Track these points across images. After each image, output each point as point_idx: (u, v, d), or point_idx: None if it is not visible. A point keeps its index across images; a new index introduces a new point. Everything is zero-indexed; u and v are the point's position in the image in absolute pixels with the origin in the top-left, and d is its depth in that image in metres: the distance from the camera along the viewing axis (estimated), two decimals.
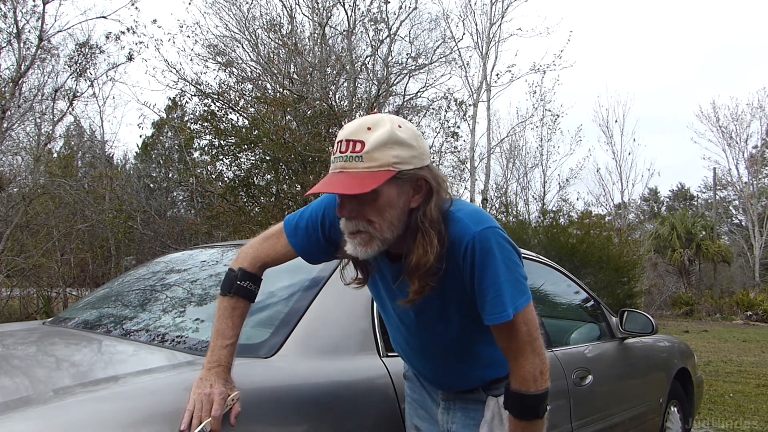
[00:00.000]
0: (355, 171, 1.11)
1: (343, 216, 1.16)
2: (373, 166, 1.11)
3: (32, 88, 8.76)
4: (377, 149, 1.11)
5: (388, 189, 1.13)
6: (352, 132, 1.13)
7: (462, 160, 14.18)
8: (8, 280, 7.91)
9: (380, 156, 1.11)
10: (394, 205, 1.14)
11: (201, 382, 1.18)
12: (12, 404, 1.09)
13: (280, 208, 8.67)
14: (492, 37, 15.31)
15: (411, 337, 1.39)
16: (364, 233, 1.15)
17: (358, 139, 1.12)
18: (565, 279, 2.83)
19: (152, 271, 2.43)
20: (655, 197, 34.69)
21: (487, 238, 1.17)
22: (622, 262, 11.25)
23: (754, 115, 23.98)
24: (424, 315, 1.31)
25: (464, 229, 1.17)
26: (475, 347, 1.37)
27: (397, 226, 1.16)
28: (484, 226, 1.18)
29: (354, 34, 11.74)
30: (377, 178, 1.10)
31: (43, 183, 7.92)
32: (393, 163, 1.12)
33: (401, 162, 1.13)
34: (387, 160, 1.11)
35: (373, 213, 1.14)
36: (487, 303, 1.18)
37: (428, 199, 1.16)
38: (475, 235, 1.16)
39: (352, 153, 1.11)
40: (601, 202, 21.09)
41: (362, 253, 1.17)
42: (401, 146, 1.13)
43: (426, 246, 1.14)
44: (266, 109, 9.04)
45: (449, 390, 1.45)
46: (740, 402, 5.31)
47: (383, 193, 1.13)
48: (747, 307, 17.41)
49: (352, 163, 1.11)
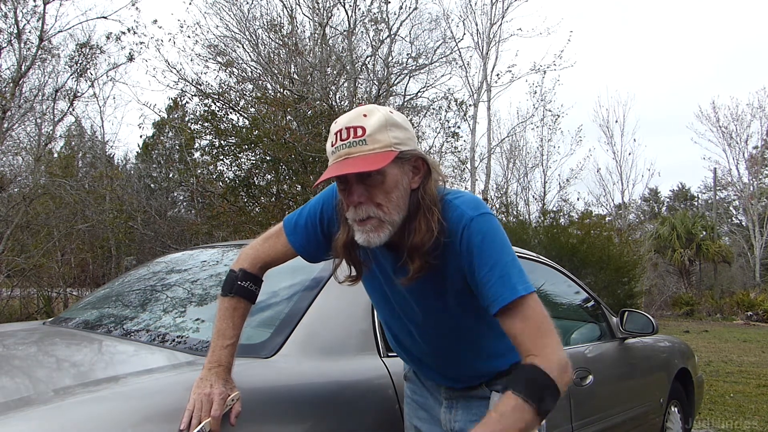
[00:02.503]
0: (361, 154, 1.13)
1: (352, 203, 1.17)
2: (377, 147, 1.13)
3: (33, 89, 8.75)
4: (378, 131, 1.13)
5: (392, 170, 1.15)
6: (350, 120, 1.15)
7: (462, 161, 14.17)
8: (9, 281, 7.91)
9: (382, 138, 1.14)
10: (399, 186, 1.16)
11: (201, 382, 1.19)
12: (13, 404, 1.09)
13: (280, 208, 8.67)
14: (492, 37, 15.33)
15: (413, 328, 1.38)
16: (374, 218, 1.16)
17: (358, 125, 1.14)
18: (565, 279, 2.83)
19: (153, 272, 2.43)
20: (655, 197, 34.70)
21: (486, 222, 1.18)
22: (623, 262, 11.25)
23: (754, 115, 24.04)
24: (425, 302, 1.30)
25: (462, 215, 1.19)
26: (476, 336, 1.36)
27: (402, 208, 1.18)
28: (482, 211, 1.20)
29: (354, 35, 11.73)
30: (385, 158, 1.12)
31: (44, 183, 7.92)
32: (394, 144, 1.15)
33: (400, 143, 1.16)
34: (388, 141, 1.14)
35: (380, 195, 1.15)
36: (493, 286, 1.14)
37: (427, 179, 1.20)
38: (474, 218, 1.18)
39: (354, 138, 1.13)
40: (601, 203, 21.14)
41: (374, 238, 1.16)
42: (398, 128, 1.16)
43: (429, 223, 1.16)
44: (267, 109, 9.05)
45: (451, 386, 1.45)
46: (741, 402, 5.31)
47: (389, 174, 1.15)
48: (747, 308, 17.41)
49: (356, 148, 1.13)
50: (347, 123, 1.15)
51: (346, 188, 1.18)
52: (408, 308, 1.34)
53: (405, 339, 1.44)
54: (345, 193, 1.19)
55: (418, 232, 1.16)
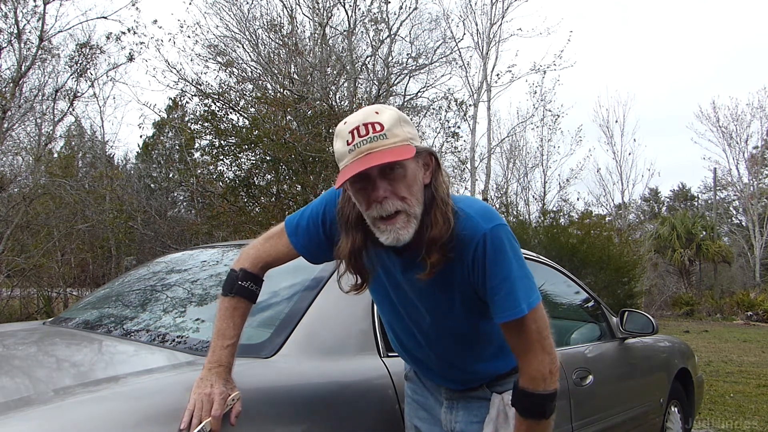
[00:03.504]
0: (384, 147, 1.12)
1: (377, 199, 1.13)
2: (397, 141, 1.13)
3: (33, 89, 8.75)
4: (395, 126, 1.14)
5: (411, 164, 1.16)
6: (365, 117, 1.14)
7: (462, 161, 14.17)
8: (9, 281, 7.90)
9: (399, 132, 1.14)
10: (418, 180, 1.18)
11: (201, 382, 1.19)
12: (13, 404, 1.09)
13: (280, 208, 8.67)
14: (492, 37, 15.34)
15: (416, 330, 1.38)
16: (402, 213, 1.14)
17: (375, 121, 1.13)
18: (565, 279, 2.83)
19: (153, 272, 2.43)
20: (655, 197, 34.69)
21: (499, 235, 1.19)
22: (623, 262, 11.25)
23: (754, 115, 24.05)
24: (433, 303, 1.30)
25: (475, 227, 1.19)
26: (479, 339, 1.36)
27: (421, 202, 1.18)
28: (495, 223, 1.20)
29: (354, 35, 11.74)
30: (408, 150, 1.13)
31: (44, 183, 7.91)
32: (409, 138, 1.16)
33: (413, 138, 1.17)
34: (405, 135, 1.15)
35: (404, 189, 1.15)
36: (500, 300, 1.19)
37: (437, 173, 1.21)
38: (487, 232, 1.18)
39: (375, 133, 1.12)
40: (601, 203, 21.14)
41: (404, 235, 1.15)
42: (408, 125, 1.18)
43: (445, 215, 1.17)
44: (267, 109, 9.04)
45: (453, 386, 1.44)
46: (741, 402, 5.31)
47: (409, 168, 1.16)
48: (747, 307, 17.40)
49: (378, 142, 1.12)
50: (363, 120, 1.14)
51: (365, 186, 1.15)
52: (413, 310, 1.34)
53: (408, 341, 1.44)
54: (364, 192, 1.15)
55: (435, 225, 1.17)
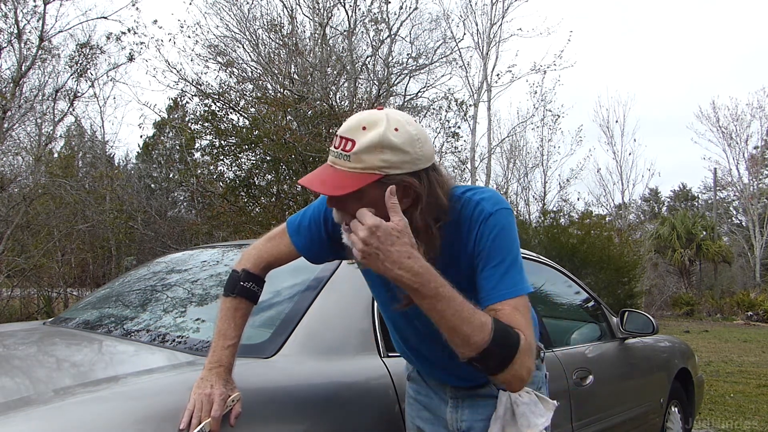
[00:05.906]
0: (340, 169, 1.11)
1: (330, 206, 1.18)
2: (357, 167, 1.09)
3: (33, 89, 8.75)
4: (365, 152, 1.09)
5: (373, 190, 1.11)
6: (348, 129, 1.12)
7: (462, 161, 14.21)
8: (9, 281, 7.91)
9: (367, 158, 1.09)
10: (379, 206, 1.09)
11: (201, 382, 1.19)
12: (13, 404, 1.09)
13: (280, 208, 8.67)
14: (492, 37, 15.33)
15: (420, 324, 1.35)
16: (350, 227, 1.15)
17: (351, 137, 1.11)
18: (565, 279, 2.83)
19: (153, 272, 2.43)
20: (655, 197, 34.71)
21: (505, 217, 1.20)
22: (623, 262, 11.26)
23: (754, 115, 24.05)
24: None
25: (481, 210, 1.19)
26: None
27: None
28: (502, 206, 1.21)
29: (354, 35, 11.74)
30: (359, 181, 1.09)
31: (44, 183, 7.91)
32: (380, 167, 1.10)
33: (389, 166, 1.10)
34: (373, 163, 1.09)
35: (357, 209, 1.10)
36: (494, 279, 1.16)
37: (415, 206, 1.14)
38: (493, 213, 1.19)
39: (342, 151, 1.11)
40: (601, 203, 21.15)
41: None
42: (392, 151, 1.10)
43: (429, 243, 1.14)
44: (267, 109, 9.04)
45: (460, 383, 1.43)
46: (741, 402, 5.31)
47: (368, 194, 1.11)
48: (748, 308, 17.41)
49: (340, 161, 1.11)
50: (344, 132, 1.12)
51: None
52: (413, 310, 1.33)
53: (412, 337, 1.43)
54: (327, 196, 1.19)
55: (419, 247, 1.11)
